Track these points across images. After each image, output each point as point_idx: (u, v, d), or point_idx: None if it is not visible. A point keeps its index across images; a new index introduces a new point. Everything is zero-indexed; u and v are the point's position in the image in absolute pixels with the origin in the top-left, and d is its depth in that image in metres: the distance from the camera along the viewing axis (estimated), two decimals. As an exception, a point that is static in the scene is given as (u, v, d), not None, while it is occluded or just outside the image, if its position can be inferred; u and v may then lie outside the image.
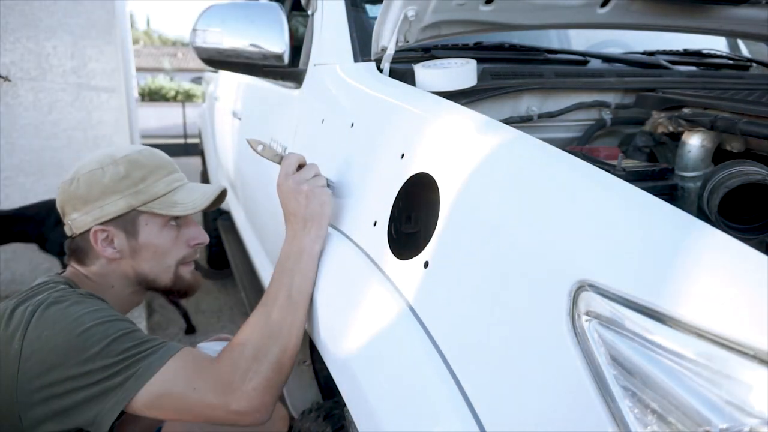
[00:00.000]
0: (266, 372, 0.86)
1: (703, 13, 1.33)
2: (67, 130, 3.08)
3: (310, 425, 1.21)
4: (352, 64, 1.23)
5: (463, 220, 0.67)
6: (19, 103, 2.95)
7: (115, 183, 1.00)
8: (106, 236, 1.01)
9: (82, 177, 1.01)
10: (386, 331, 0.74)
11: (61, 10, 2.95)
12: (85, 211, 1.00)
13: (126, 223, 1.02)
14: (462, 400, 0.61)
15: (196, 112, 6.73)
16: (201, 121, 4.00)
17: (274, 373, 0.87)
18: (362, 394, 0.75)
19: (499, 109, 1.17)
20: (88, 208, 1.00)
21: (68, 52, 3.01)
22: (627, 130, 1.27)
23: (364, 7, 1.37)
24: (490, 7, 1.14)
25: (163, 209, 1.03)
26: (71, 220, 1.02)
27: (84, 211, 1.00)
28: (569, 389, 0.50)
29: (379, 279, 0.80)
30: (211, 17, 1.38)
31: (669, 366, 0.45)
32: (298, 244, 0.93)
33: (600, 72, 1.31)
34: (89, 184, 1.00)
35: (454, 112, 0.83)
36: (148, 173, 1.03)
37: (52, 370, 0.83)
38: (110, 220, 1.01)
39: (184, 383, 0.85)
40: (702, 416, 0.42)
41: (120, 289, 1.05)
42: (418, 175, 0.79)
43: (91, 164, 1.02)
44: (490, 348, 0.60)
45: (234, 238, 2.80)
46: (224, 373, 0.85)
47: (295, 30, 2.56)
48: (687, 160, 0.98)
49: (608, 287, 0.49)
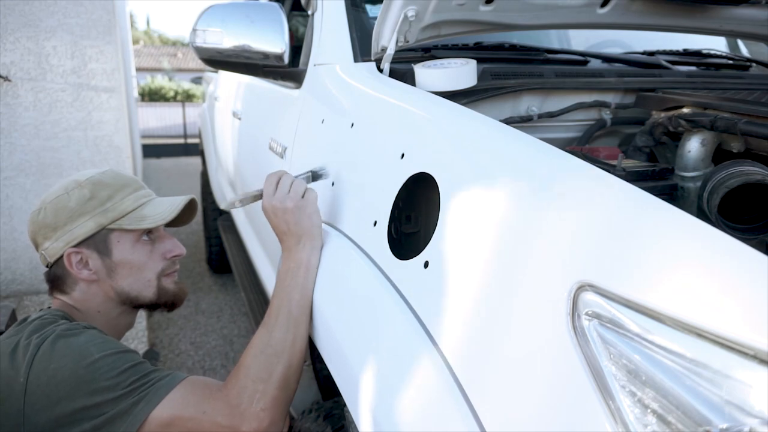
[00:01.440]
0: (273, 391, 0.87)
1: (703, 13, 1.33)
2: (67, 130, 3.08)
3: (310, 425, 1.21)
4: (352, 64, 1.23)
5: (463, 220, 0.67)
6: (19, 103, 2.95)
7: (81, 205, 1.01)
8: (80, 258, 1.01)
9: (48, 205, 1.01)
10: (386, 331, 0.74)
11: (61, 10, 2.95)
12: (56, 237, 1.00)
13: (98, 243, 1.02)
14: (462, 400, 0.61)
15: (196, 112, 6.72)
16: (201, 121, 4.00)
17: (280, 391, 0.88)
18: (362, 394, 0.75)
19: (499, 109, 1.17)
20: (58, 233, 1.00)
21: (68, 52, 3.01)
22: (627, 130, 1.27)
23: (364, 7, 1.37)
24: (490, 7, 1.14)
25: (132, 224, 1.03)
26: (44, 249, 1.02)
27: (54, 238, 1.01)
28: (569, 389, 0.50)
29: (379, 279, 0.81)
30: (211, 17, 1.38)
31: (669, 366, 0.45)
32: (295, 259, 0.95)
33: (600, 72, 1.31)
34: (56, 210, 1.01)
35: (454, 112, 0.83)
36: (114, 192, 1.04)
37: (60, 402, 0.83)
38: (82, 242, 1.01)
39: (194, 407, 0.86)
40: (702, 416, 0.42)
41: (106, 313, 1.05)
42: (418, 175, 0.79)
43: (57, 191, 1.03)
44: (489, 348, 0.60)
45: (234, 238, 2.80)
46: (232, 396, 0.87)
47: (295, 30, 2.56)
48: (687, 160, 0.98)
49: (608, 288, 0.49)
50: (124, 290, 1.04)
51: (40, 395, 0.84)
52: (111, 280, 1.03)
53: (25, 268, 3.12)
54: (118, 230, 1.03)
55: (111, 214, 1.02)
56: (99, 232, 1.01)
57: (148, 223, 1.04)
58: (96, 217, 1.01)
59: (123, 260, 1.03)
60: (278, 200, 0.95)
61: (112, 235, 1.03)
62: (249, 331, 2.91)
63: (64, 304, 1.04)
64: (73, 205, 1.01)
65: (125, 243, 1.04)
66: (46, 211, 1.01)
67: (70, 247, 1.00)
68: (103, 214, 1.02)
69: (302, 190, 0.96)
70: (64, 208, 1.01)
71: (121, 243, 1.03)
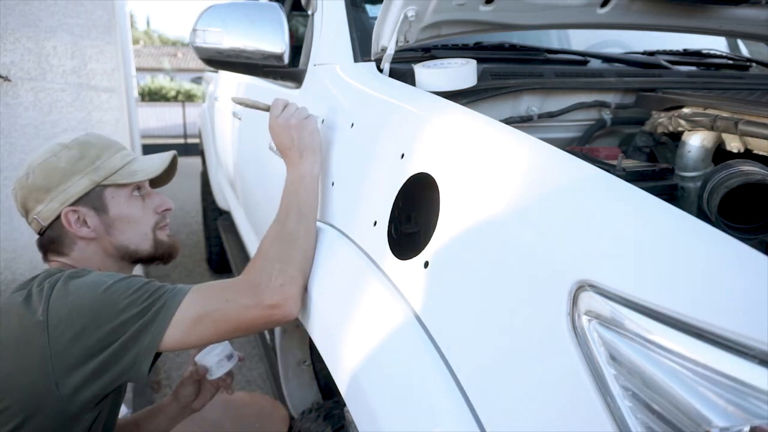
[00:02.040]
0: (291, 270, 0.93)
1: (703, 13, 1.33)
2: (67, 130, 3.07)
3: (310, 425, 1.21)
4: (352, 64, 1.23)
5: (463, 220, 0.67)
6: (19, 103, 2.95)
7: (72, 165, 1.02)
8: (77, 217, 1.02)
9: (37, 168, 1.02)
10: (386, 331, 0.74)
11: (61, 10, 2.95)
12: (50, 198, 1.01)
13: (93, 201, 1.03)
14: (462, 400, 0.61)
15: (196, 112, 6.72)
16: (201, 121, 4.00)
17: (297, 272, 0.94)
18: (362, 394, 0.75)
19: (499, 109, 1.17)
20: (52, 194, 1.01)
21: (68, 52, 3.01)
22: (627, 130, 1.27)
23: (364, 7, 1.37)
24: (490, 7, 1.14)
25: (126, 178, 1.06)
26: (37, 213, 1.02)
27: (48, 199, 1.01)
28: (569, 389, 0.50)
29: (379, 279, 0.81)
30: (211, 17, 1.38)
31: (669, 366, 0.45)
32: (298, 171, 1.02)
33: (600, 72, 1.31)
34: (46, 172, 1.01)
35: (454, 112, 0.83)
36: (101, 150, 1.05)
37: (86, 331, 0.86)
38: (77, 201, 1.02)
39: (216, 299, 0.91)
40: (702, 416, 0.42)
41: (106, 269, 1.06)
42: (418, 175, 0.79)
43: (43, 155, 1.03)
44: (489, 348, 0.60)
45: (234, 238, 2.80)
46: (252, 278, 0.93)
47: (295, 30, 2.56)
48: (687, 160, 0.98)
49: (608, 287, 0.49)
50: (123, 244, 1.06)
51: (64, 329, 0.86)
52: (109, 236, 1.05)
53: (25, 268, 3.12)
54: (112, 186, 1.05)
55: (103, 172, 1.04)
56: (93, 190, 1.03)
57: (141, 176, 1.07)
58: (89, 175, 1.03)
59: (120, 215, 1.06)
60: (284, 118, 1.06)
61: (106, 192, 1.05)
62: (249, 331, 2.91)
63: (63, 265, 1.04)
64: (63, 165, 1.01)
65: (120, 198, 1.06)
66: (36, 174, 1.02)
67: (66, 207, 1.01)
68: (95, 172, 1.03)
69: (306, 114, 1.07)
70: (56, 169, 1.01)
71: (115, 198, 1.05)
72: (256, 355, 2.70)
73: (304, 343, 1.41)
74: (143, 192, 1.11)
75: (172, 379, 2.63)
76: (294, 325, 1.33)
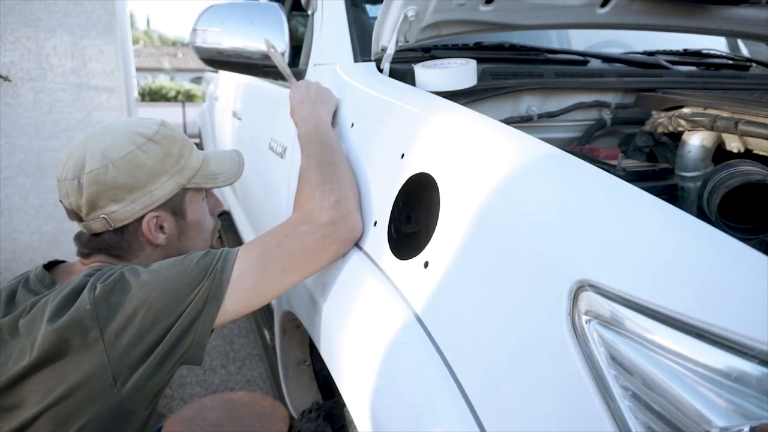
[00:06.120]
0: (341, 188, 0.89)
1: (703, 13, 1.33)
2: (67, 130, 3.08)
3: (310, 425, 1.21)
4: (352, 64, 1.23)
5: (463, 220, 0.67)
6: (19, 103, 2.95)
7: (158, 163, 0.90)
8: (156, 222, 0.92)
9: (118, 162, 0.87)
10: (386, 331, 0.74)
11: (61, 10, 2.95)
12: (131, 199, 0.88)
13: (174, 205, 0.94)
14: (462, 400, 0.61)
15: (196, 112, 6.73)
16: (201, 121, 4.00)
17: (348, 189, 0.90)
18: (362, 394, 0.75)
19: (499, 109, 1.17)
20: (135, 195, 0.88)
21: (68, 52, 3.01)
22: (627, 130, 1.27)
23: (364, 7, 1.37)
24: (490, 7, 1.14)
25: (208, 183, 0.97)
26: (109, 213, 0.88)
27: (129, 200, 0.88)
28: (569, 389, 0.50)
29: (379, 279, 0.81)
30: (211, 17, 1.38)
31: (669, 366, 0.45)
32: (312, 120, 1.02)
33: (600, 72, 1.31)
34: (131, 169, 0.88)
35: (454, 112, 0.83)
36: (182, 147, 0.95)
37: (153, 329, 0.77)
38: (161, 205, 0.92)
39: (274, 239, 0.84)
40: (702, 416, 0.42)
41: None
42: (418, 175, 0.79)
43: (123, 146, 0.88)
44: (489, 348, 0.60)
45: (234, 238, 2.80)
46: (303, 207, 0.88)
47: (295, 30, 2.56)
48: (687, 160, 0.98)
49: (608, 287, 0.49)
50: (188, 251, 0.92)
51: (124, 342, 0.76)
52: (179, 242, 0.96)
53: (25, 269, 3.11)
54: (192, 189, 0.96)
55: (187, 173, 0.94)
56: (177, 193, 0.93)
57: (222, 181, 0.99)
58: (175, 176, 0.92)
59: (194, 220, 0.97)
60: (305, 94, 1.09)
61: (186, 195, 0.96)
62: (249, 330, 2.91)
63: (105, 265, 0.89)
64: (150, 163, 0.89)
65: (196, 202, 0.98)
66: (118, 170, 0.87)
67: (149, 211, 0.90)
68: (181, 173, 0.93)
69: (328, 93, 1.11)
70: (142, 167, 0.88)
71: (193, 203, 0.97)
72: (256, 355, 2.70)
73: (304, 343, 1.41)
74: (208, 193, 1.03)
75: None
76: (294, 325, 1.33)
